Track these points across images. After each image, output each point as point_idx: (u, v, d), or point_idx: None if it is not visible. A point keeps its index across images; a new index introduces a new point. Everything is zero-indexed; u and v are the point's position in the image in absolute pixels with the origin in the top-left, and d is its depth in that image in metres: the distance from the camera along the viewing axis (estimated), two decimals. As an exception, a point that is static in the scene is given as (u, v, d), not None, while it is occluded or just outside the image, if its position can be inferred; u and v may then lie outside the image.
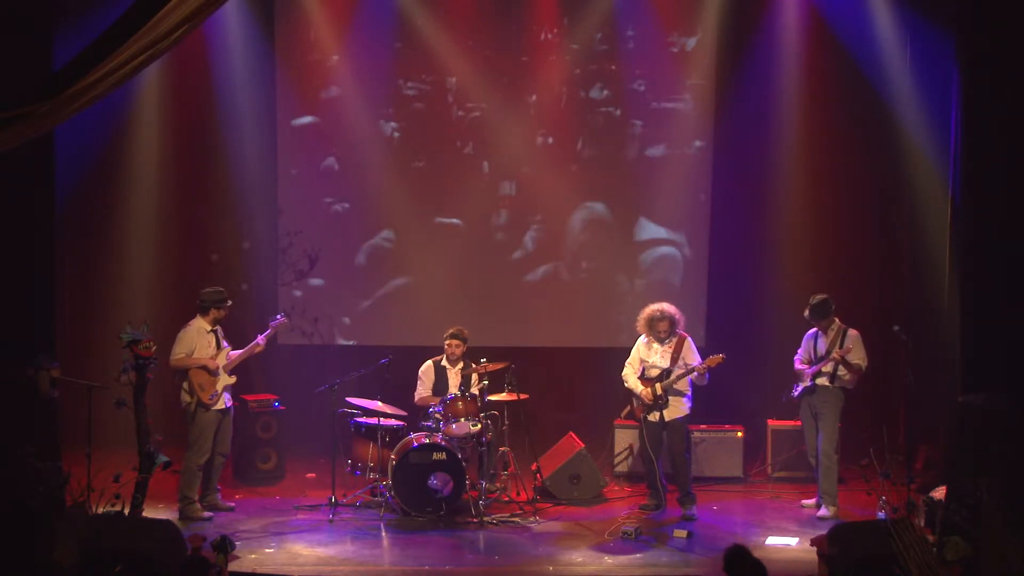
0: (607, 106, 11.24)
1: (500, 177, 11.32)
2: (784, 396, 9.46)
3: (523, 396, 9.38)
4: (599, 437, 10.26)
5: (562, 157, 11.30)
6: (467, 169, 11.30)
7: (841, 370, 9.00)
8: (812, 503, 9.23)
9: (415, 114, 11.24)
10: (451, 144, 11.28)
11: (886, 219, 10.99)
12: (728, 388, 9.93)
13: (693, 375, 8.98)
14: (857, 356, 8.99)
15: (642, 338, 9.24)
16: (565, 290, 11.35)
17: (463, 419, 8.98)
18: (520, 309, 11.38)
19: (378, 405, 9.22)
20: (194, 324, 8.95)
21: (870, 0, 10.50)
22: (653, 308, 9.13)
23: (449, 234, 11.31)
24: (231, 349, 9.05)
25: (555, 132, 11.28)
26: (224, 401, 8.96)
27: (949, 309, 8.81)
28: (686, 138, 11.22)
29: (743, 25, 10.99)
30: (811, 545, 6.54)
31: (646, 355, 9.17)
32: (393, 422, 9.25)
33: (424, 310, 11.13)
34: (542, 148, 11.29)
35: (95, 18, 8.22)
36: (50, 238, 8.55)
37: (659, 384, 9.02)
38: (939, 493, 8.05)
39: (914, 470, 9.25)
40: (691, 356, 9.10)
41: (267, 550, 8.05)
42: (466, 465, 8.92)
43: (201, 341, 8.90)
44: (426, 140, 11.28)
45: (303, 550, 8.08)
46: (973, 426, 7.82)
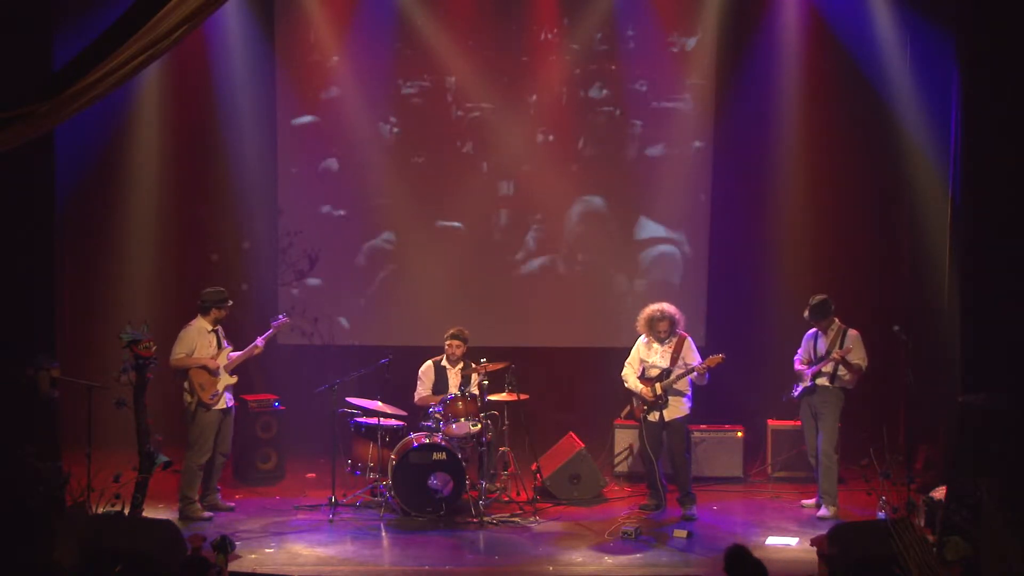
0: (607, 106, 11.24)
1: (500, 177, 11.31)
2: (784, 396, 9.46)
3: (523, 396, 9.38)
4: (599, 437, 10.26)
5: (562, 157, 11.30)
6: (467, 169, 11.30)
7: (841, 370, 9.00)
8: (812, 503, 9.23)
9: (415, 114, 11.24)
10: (451, 144, 11.27)
11: (886, 219, 10.99)
12: (728, 388, 9.93)
13: (693, 375, 8.98)
14: (857, 356, 8.99)
15: (642, 338, 9.23)
16: (565, 290, 11.34)
17: (463, 419, 8.98)
18: (520, 309, 11.37)
19: (378, 405, 9.21)
20: (195, 324, 8.95)
21: (870, 0, 10.50)
22: (653, 308, 9.13)
23: (449, 234, 11.31)
24: (232, 349, 9.06)
25: (555, 132, 11.28)
26: (226, 401, 8.96)
27: (949, 309, 8.82)
28: (686, 138, 11.22)
29: (743, 25, 10.99)
30: (811, 545, 6.54)
31: (646, 355, 9.17)
32: (393, 422, 9.24)
33: (424, 310, 11.12)
34: (542, 148, 11.28)
35: (95, 18, 8.22)
36: (50, 238, 8.54)
37: (659, 384, 9.01)
38: (939, 493, 8.05)
39: (914, 470, 9.25)
40: (691, 356, 9.09)
41: (267, 550, 8.04)
42: (466, 465, 8.91)
43: (202, 341, 8.90)
44: (426, 140, 11.28)
45: (303, 550, 8.08)
46: (973, 426, 7.82)
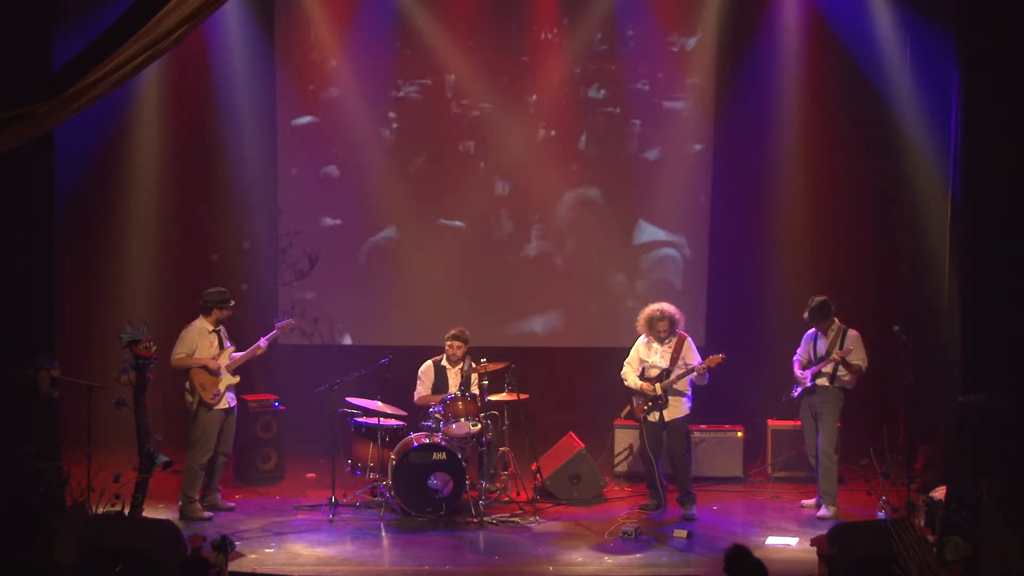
0: (607, 106, 11.24)
1: (500, 177, 11.31)
2: (784, 396, 9.46)
3: (523, 396, 9.38)
4: (599, 437, 10.26)
5: (562, 156, 11.30)
6: (467, 169, 11.30)
7: (841, 370, 8.99)
8: (812, 503, 9.23)
9: (415, 114, 11.24)
10: (451, 144, 11.27)
11: (886, 219, 10.99)
12: (728, 388, 9.93)
13: (693, 375, 8.98)
14: (857, 357, 8.99)
15: (642, 338, 9.23)
16: (565, 290, 11.34)
17: (463, 419, 8.97)
18: (520, 309, 11.37)
19: (378, 405, 9.21)
20: (196, 324, 8.96)
21: (870, 0, 10.50)
22: (653, 308, 9.13)
23: (449, 234, 11.30)
24: (234, 350, 9.06)
25: (555, 131, 11.27)
26: (227, 401, 8.96)
27: (949, 309, 8.82)
28: (686, 138, 11.22)
29: (743, 25, 10.99)
30: (811, 545, 6.54)
31: (646, 355, 9.17)
32: (393, 422, 9.24)
33: (424, 310, 11.12)
34: (542, 148, 11.28)
35: (95, 18, 8.22)
36: (50, 238, 8.54)
37: (659, 384, 9.01)
38: (939, 493, 8.05)
39: (914, 470, 9.25)
40: (691, 356, 9.09)
41: (267, 550, 8.04)
42: (466, 465, 8.91)
43: (202, 341, 8.90)
44: (426, 140, 11.27)
45: (303, 550, 8.08)
46: (973, 426, 7.82)
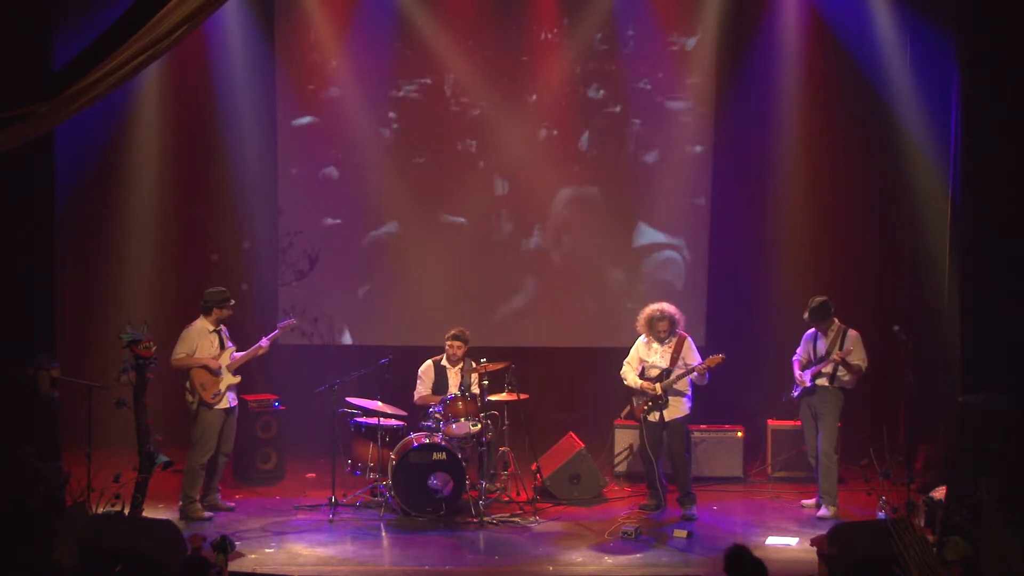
0: (607, 106, 11.24)
1: (500, 177, 11.31)
2: (784, 396, 9.46)
3: (523, 396, 9.38)
4: (599, 437, 10.26)
5: (562, 156, 11.30)
6: (467, 169, 11.30)
7: (841, 371, 8.99)
8: (812, 503, 9.23)
9: (415, 114, 11.24)
10: (451, 144, 11.27)
11: (886, 219, 10.99)
12: (728, 388, 9.93)
13: (693, 375, 8.98)
14: (857, 357, 8.98)
15: (642, 338, 9.23)
16: (565, 290, 11.34)
17: (463, 419, 8.97)
18: (520, 309, 11.37)
19: (378, 405, 9.21)
20: (197, 324, 8.96)
21: (870, 0, 10.50)
22: (653, 308, 9.13)
23: (449, 234, 11.31)
24: (235, 349, 9.06)
25: (555, 131, 11.27)
26: (228, 400, 8.96)
27: (949, 309, 8.81)
28: (685, 138, 11.22)
29: (743, 25, 10.99)
30: (811, 545, 6.53)
31: (646, 355, 9.17)
32: (393, 422, 9.24)
33: (424, 310, 11.13)
34: (542, 148, 11.28)
35: (95, 18, 8.22)
36: (50, 238, 8.54)
37: (659, 384, 9.01)
38: (939, 493, 8.04)
39: (914, 470, 9.25)
40: (691, 356, 9.09)
41: (267, 550, 8.04)
42: (466, 465, 8.91)
43: (203, 341, 8.90)
44: (426, 140, 11.28)
45: (303, 550, 8.08)
46: (973, 426, 7.81)
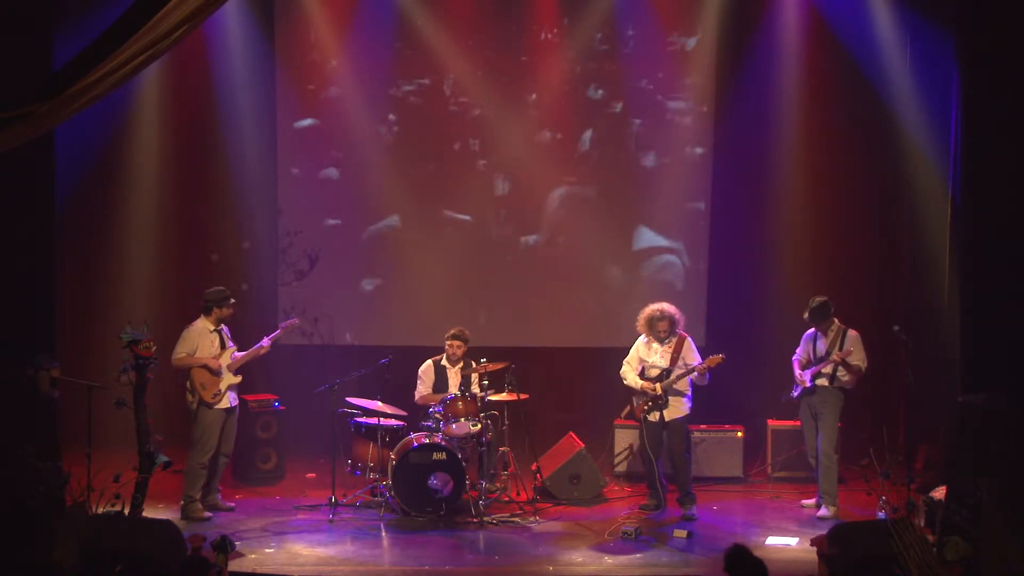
0: (607, 106, 11.24)
1: (499, 176, 11.31)
2: (784, 396, 9.46)
3: (523, 396, 9.38)
4: (599, 437, 10.26)
5: (562, 156, 11.30)
6: (466, 169, 11.30)
7: (840, 371, 8.99)
8: (812, 503, 9.23)
9: (414, 114, 11.24)
10: (450, 144, 11.27)
11: (886, 219, 10.99)
12: (728, 388, 9.92)
13: (693, 375, 8.98)
14: (857, 358, 8.98)
15: (642, 338, 9.23)
16: (565, 290, 11.34)
17: (463, 419, 8.97)
18: (520, 309, 11.37)
19: (378, 405, 9.21)
20: (197, 324, 8.97)
21: (870, 0, 10.50)
22: (653, 308, 9.12)
23: (449, 234, 11.31)
24: (236, 349, 9.06)
25: (555, 131, 11.28)
26: (229, 400, 8.96)
27: (949, 309, 8.81)
28: (685, 138, 11.22)
29: (743, 25, 10.99)
30: (811, 545, 6.53)
31: (646, 355, 9.17)
32: (393, 422, 9.24)
33: (424, 310, 11.13)
34: (542, 147, 11.29)
35: (95, 18, 8.22)
36: (50, 238, 8.54)
37: (659, 384, 9.01)
38: (939, 493, 8.04)
39: (914, 470, 9.25)
40: (691, 356, 9.09)
41: (267, 550, 8.04)
42: (466, 465, 8.91)
43: (203, 341, 8.91)
44: (426, 140, 11.28)
45: (303, 550, 8.08)
46: (973, 426, 7.81)
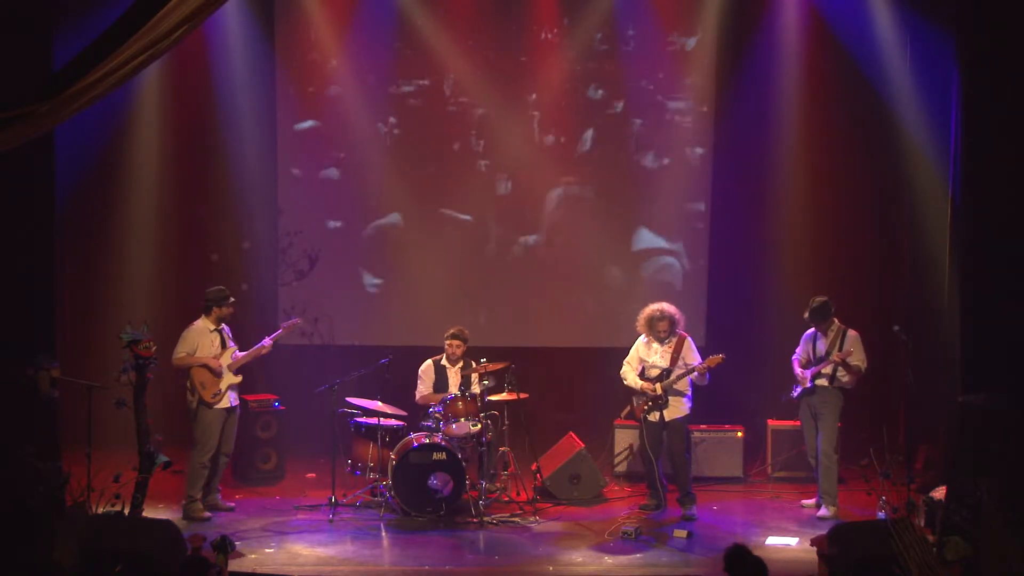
0: (607, 106, 11.24)
1: (500, 176, 11.31)
2: (783, 397, 9.46)
3: (523, 396, 9.38)
4: (599, 437, 10.25)
5: (562, 156, 11.30)
6: (466, 169, 11.30)
7: (840, 371, 8.99)
8: (812, 503, 9.22)
9: (415, 114, 11.24)
10: (450, 144, 11.27)
11: (886, 219, 10.99)
12: (728, 388, 9.92)
13: (693, 375, 8.98)
14: (857, 358, 8.98)
15: (642, 338, 9.23)
16: (565, 290, 11.33)
17: (463, 419, 8.97)
18: (520, 309, 11.37)
19: (378, 405, 9.21)
20: (197, 324, 8.97)
21: (870, 0, 10.50)
22: (653, 308, 9.12)
23: (449, 234, 11.30)
24: (237, 349, 9.06)
25: (555, 132, 11.28)
26: (230, 400, 8.97)
27: (949, 309, 8.81)
28: (685, 138, 11.22)
29: (743, 25, 10.99)
30: (811, 545, 6.53)
31: (646, 355, 9.17)
32: (393, 422, 9.24)
33: (424, 310, 11.13)
34: (542, 148, 11.28)
35: (95, 18, 8.22)
36: (50, 238, 8.53)
37: (659, 384, 9.01)
38: (939, 493, 8.04)
39: (914, 470, 9.24)
40: (691, 356, 9.09)
41: (267, 550, 8.04)
42: (466, 465, 8.91)
43: (203, 341, 8.91)
44: (425, 140, 11.28)
45: (303, 550, 8.08)
46: (973, 426, 7.81)
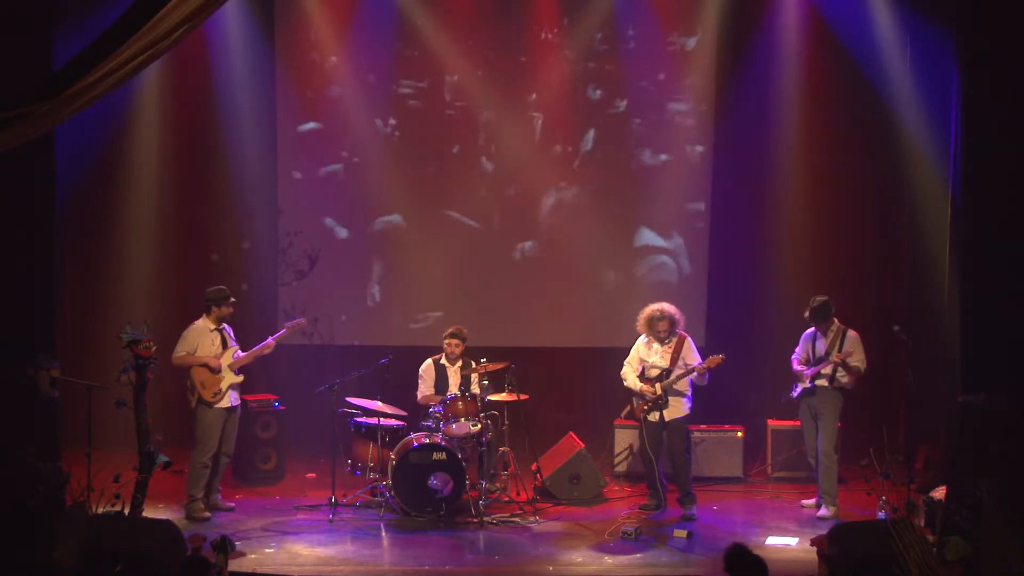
0: (607, 106, 11.24)
1: (500, 177, 11.31)
2: (783, 397, 9.46)
3: (523, 396, 9.38)
4: (599, 437, 10.26)
5: (562, 156, 11.30)
6: (466, 169, 11.30)
7: (840, 372, 8.99)
8: (812, 503, 9.23)
9: (415, 114, 11.24)
10: (450, 144, 11.27)
11: (886, 219, 10.99)
12: (728, 388, 9.93)
13: (693, 375, 8.98)
14: (857, 359, 8.97)
15: (642, 338, 9.23)
16: (565, 290, 11.33)
17: (463, 419, 8.98)
18: (520, 309, 11.37)
19: (378, 405, 9.21)
20: (198, 324, 8.98)
21: (870, 0, 10.50)
22: (653, 308, 9.13)
23: (449, 234, 11.31)
24: (238, 349, 9.06)
25: (555, 132, 11.28)
26: (230, 400, 8.97)
27: (949, 309, 8.82)
28: (685, 138, 11.23)
29: (743, 25, 11.00)
30: (811, 545, 6.53)
31: (646, 355, 9.17)
32: (393, 422, 9.24)
33: (424, 310, 11.12)
34: (542, 148, 11.28)
35: (95, 18, 8.22)
36: (50, 238, 8.53)
37: (659, 384, 9.01)
38: (939, 493, 8.05)
39: (914, 470, 9.24)
40: (691, 356, 9.09)
41: (267, 550, 8.04)
42: (466, 465, 8.91)
43: (203, 340, 8.91)
44: (425, 140, 11.28)
45: (303, 550, 8.08)
46: (973, 426, 7.81)
